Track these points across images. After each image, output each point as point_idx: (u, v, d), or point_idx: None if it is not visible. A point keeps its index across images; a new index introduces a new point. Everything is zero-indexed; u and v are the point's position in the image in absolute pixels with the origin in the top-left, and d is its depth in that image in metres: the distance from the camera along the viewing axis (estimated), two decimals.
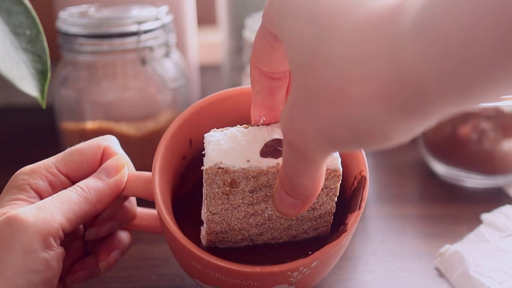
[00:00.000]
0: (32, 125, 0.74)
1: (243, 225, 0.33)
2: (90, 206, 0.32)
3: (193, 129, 0.38)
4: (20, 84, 0.35)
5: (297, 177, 0.27)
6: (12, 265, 0.28)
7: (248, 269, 0.31)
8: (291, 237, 0.35)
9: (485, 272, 0.39)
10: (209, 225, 0.33)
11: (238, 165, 0.30)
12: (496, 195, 0.55)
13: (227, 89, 0.38)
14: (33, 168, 0.33)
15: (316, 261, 0.32)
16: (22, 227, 0.29)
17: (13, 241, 0.29)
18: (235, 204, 0.32)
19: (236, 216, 0.33)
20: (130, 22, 0.52)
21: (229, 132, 0.32)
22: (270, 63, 0.30)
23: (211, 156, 0.31)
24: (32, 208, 0.30)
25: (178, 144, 0.37)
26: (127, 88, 0.54)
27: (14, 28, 0.35)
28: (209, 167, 0.30)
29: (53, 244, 0.30)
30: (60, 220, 0.30)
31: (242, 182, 0.31)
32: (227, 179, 0.31)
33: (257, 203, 0.32)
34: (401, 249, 0.46)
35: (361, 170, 0.35)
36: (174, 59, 0.57)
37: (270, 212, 0.33)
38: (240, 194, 0.31)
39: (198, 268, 0.33)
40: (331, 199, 0.33)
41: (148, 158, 0.54)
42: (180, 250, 0.33)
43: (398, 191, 0.57)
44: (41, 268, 0.29)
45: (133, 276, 0.43)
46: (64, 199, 0.31)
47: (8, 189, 0.32)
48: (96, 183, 0.33)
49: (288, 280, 0.33)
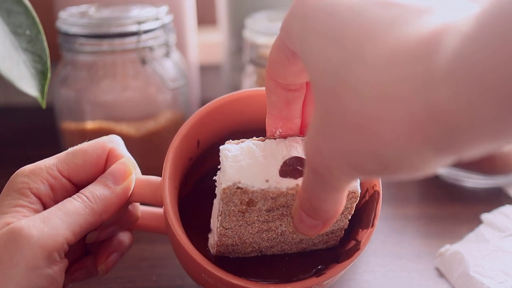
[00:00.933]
0: (32, 125, 0.74)
1: (255, 239, 0.33)
2: (96, 217, 0.31)
3: (201, 131, 0.37)
4: (20, 84, 0.34)
5: (318, 201, 0.26)
6: (15, 281, 0.27)
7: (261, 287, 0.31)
8: (300, 249, 0.35)
9: (485, 272, 0.39)
10: (220, 238, 0.33)
11: (257, 185, 0.30)
12: (496, 195, 0.55)
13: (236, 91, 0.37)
14: (33, 169, 0.32)
15: (328, 279, 0.32)
16: (26, 243, 0.28)
17: (16, 257, 0.28)
18: (250, 221, 0.31)
19: (250, 232, 0.32)
20: (130, 22, 0.52)
21: (246, 146, 0.31)
22: (287, 76, 0.29)
23: (229, 175, 0.30)
24: (36, 221, 0.29)
25: (187, 146, 0.36)
26: (127, 88, 0.54)
27: (14, 28, 0.35)
28: (228, 187, 0.29)
29: (57, 259, 0.29)
30: (66, 234, 0.29)
31: (260, 202, 0.30)
32: (245, 198, 0.30)
33: (273, 220, 0.32)
34: (401, 249, 0.46)
35: (374, 184, 0.34)
36: (174, 59, 0.57)
37: (284, 229, 0.32)
38: (256, 212, 0.31)
39: (208, 281, 0.33)
40: (345, 217, 0.33)
41: (148, 158, 0.54)
42: (191, 263, 0.33)
43: (398, 191, 0.57)
44: (45, 284, 0.28)
45: (133, 276, 0.43)
46: (69, 211, 0.30)
47: (8, 192, 0.31)
48: (102, 192, 0.32)
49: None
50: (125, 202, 0.33)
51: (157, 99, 0.55)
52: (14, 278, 0.27)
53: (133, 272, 0.43)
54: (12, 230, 0.28)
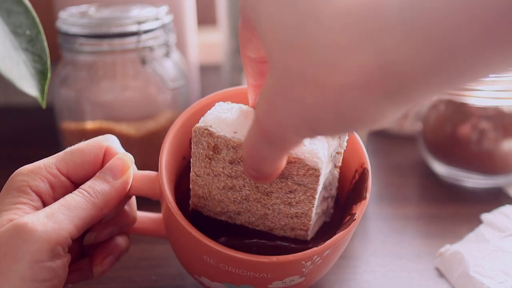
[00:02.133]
0: (32, 125, 0.74)
1: (222, 197, 0.34)
2: (97, 211, 0.32)
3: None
4: (20, 84, 0.34)
5: (259, 163, 0.28)
6: (19, 274, 0.28)
7: (265, 259, 0.32)
8: (268, 228, 0.35)
9: (485, 272, 0.39)
10: (193, 186, 0.34)
11: (223, 133, 0.32)
12: (496, 195, 0.55)
13: (227, 88, 0.38)
14: (32, 168, 0.32)
15: (328, 249, 0.33)
16: (31, 237, 0.28)
17: (20, 250, 0.28)
18: (216, 171, 0.33)
19: (217, 185, 0.33)
20: (130, 22, 0.52)
21: (237, 106, 0.34)
22: (257, 51, 0.30)
23: (206, 118, 0.32)
24: (40, 216, 0.29)
25: (179, 143, 0.37)
26: (127, 88, 0.54)
27: (14, 28, 0.35)
28: (198, 127, 0.32)
29: (61, 253, 0.29)
30: (69, 229, 0.30)
31: (224, 151, 0.32)
32: (211, 142, 0.32)
33: (235, 177, 0.33)
34: (401, 249, 0.46)
35: (362, 163, 0.36)
36: (174, 59, 0.57)
37: (248, 192, 0.33)
38: (221, 162, 0.32)
39: (210, 263, 0.33)
40: (309, 200, 0.33)
41: (148, 158, 0.54)
42: (193, 245, 0.33)
43: (398, 191, 0.57)
44: (48, 277, 0.29)
45: (133, 276, 0.43)
46: (71, 206, 0.31)
47: (8, 191, 0.31)
48: (102, 186, 0.32)
49: (300, 270, 0.33)
50: (124, 196, 0.34)
51: (157, 99, 0.55)
52: (18, 272, 0.28)
53: (133, 272, 0.43)
54: (16, 225, 0.29)
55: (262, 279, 0.33)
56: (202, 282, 0.36)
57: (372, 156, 0.64)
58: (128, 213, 0.37)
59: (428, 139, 0.59)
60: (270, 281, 0.33)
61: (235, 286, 0.34)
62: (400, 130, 0.69)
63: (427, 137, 0.59)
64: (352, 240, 0.48)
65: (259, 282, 0.33)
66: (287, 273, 0.33)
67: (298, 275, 0.33)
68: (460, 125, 0.56)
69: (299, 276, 0.34)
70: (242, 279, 0.33)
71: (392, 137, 0.70)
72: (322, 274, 0.37)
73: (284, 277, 0.33)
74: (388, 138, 0.70)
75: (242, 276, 0.33)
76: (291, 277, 0.33)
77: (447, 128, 0.57)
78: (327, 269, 0.37)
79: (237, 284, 0.34)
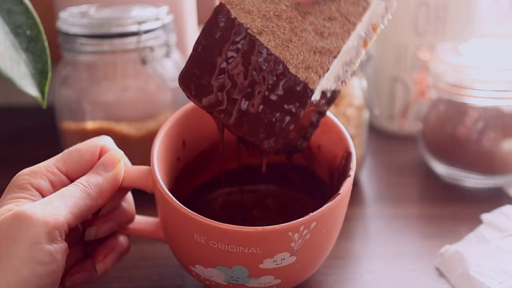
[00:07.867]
0: (32, 125, 0.74)
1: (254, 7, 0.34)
2: (92, 200, 0.33)
3: (186, 130, 0.39)
4: (20, 84, 0.34)
5: None
6: (19, 255, 0.29)
7: (251, 229, 0.32)
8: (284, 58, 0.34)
9: (485, 272, 0.39)
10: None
11: None
12: (496, 195, 0.55)
13: None
14: (33, 169, 0.34)
15: (314, 221, 0.33)
16: (29, 220, 0.30)
17: (20, 233, 0.29)
18: None
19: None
20: (130, 22, 0.52)
21: None
22: None
23: None
24: (38, 203, 0.31)
25: (172, 144, 0.38)
26: (127, 88, 0.54)
27: (14, 28, 0.35)
28: None
29: (58, 237, 0.31)
30: (66, 215, 0.31)
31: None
32: None
33: None
34: (401, 249, 0.47)
35: (347, 147, 0.37)
36: (174, 59, 0.57)
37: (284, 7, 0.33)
38: None
39: (201, 244, 0.33)
40: (342, 36, 0.32)
41: (148, 158, 0.54)
42: (182, 224, 0.34)
43: (399, 191, 0.57)
44: (46, 260, 0.30)
45: (133, 276, 0.43)
46: (67, 195, 0.32)
47: (10, 189, 0.33)
48: (95, 178, 0.34)
49: (289, 245, 0.33)
50: (117, 187, 0.36)
51: (157, 99, 0.55)
52: (18, 252, 0.29)
53: (133, 272, 0.43)
54: (16, 212, 0.30)
55: (253, 257, 0.33)
56: (197, 273, 0.36)
57: (372, 156, 0.64)
58: (126, 209, 0.38)
59: (428, 139, 0.59)
60: (261, 259, 0.33)
61: (228, 269, 0.34)
62: (400, 130, 0.70)
63: (427, 137, 0.59)
64: (352, 240, 0.48)
65: (250, 262, 0.33)
66: (275, 247, 0.33)
67: (287, 251, 0.33)
68: (460, 125, 0.56)
69: (290, 254, 0.33)
70: (233, 258, 0.33)
71: (392, 137, 0.70)
72: (316, 257, 0.36)
73: (274, 254, 0.33)
74: (388, 138, 0.70)
75: (232, 255, 0.33)
76: (281, 253, 0.33)
77: (447, 128, 0.57)
78: (321, 252, 0.36)
79: (229, 266, 0.34)
